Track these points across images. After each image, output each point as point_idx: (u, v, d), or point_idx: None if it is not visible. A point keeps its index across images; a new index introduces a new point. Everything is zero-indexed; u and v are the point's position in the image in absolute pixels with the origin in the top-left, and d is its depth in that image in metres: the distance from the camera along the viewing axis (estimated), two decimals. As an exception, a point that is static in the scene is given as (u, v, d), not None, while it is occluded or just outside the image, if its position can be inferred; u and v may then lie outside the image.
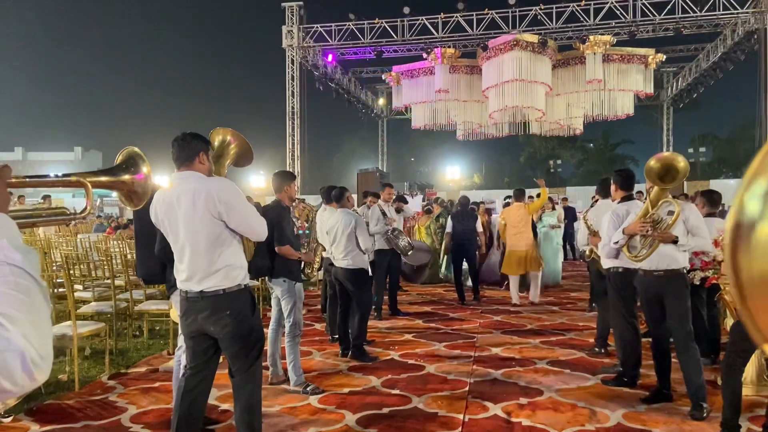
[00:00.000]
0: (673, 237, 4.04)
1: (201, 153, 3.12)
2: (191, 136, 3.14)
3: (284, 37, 18.48)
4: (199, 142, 3.14)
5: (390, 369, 5.38)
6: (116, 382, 5.06)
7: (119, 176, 1.53)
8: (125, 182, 1.52)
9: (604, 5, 16.52)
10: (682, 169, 3.94)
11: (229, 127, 3.56)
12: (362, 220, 6.08)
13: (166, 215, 3.08)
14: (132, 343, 6.37)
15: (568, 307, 8.57)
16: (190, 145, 3.11)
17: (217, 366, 3.25)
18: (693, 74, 20.70)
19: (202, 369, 3.15)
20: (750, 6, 15.87)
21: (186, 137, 3.12)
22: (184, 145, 3.10)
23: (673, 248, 4.09)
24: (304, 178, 19.99)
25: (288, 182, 4.87)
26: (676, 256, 4.13)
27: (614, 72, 16.30)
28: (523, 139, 35.25)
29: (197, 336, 3.12)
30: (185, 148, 3.10)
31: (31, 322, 0.83)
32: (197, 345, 3.13)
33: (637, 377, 4.84)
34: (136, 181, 1.55)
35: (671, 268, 4.14)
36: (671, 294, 4.14)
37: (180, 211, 3.02)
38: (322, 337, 6.70)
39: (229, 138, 3.53)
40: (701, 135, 42.63)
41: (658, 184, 4.04)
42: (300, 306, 4.87)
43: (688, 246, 4.09)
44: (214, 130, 3.51)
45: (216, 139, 3.50)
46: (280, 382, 4.91)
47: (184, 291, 3.09)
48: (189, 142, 3.11)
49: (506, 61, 15.72)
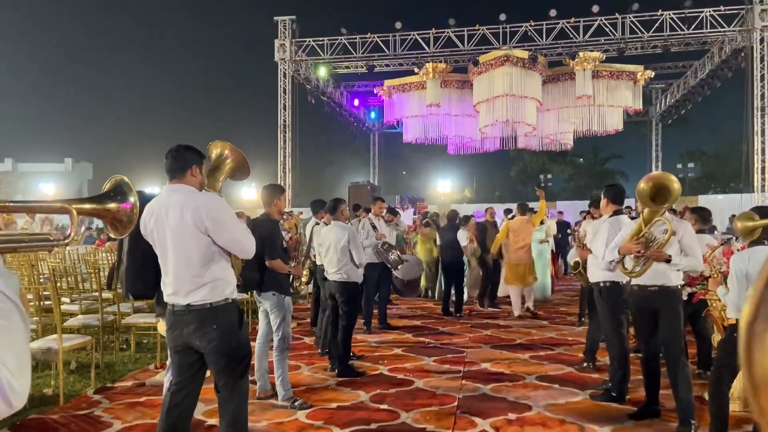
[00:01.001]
0: (665, 256, 4.05)
1: (194, 166, 3.12)
2: (185, 148, 3.14)
3: (276, 51, 18.55)
4: (193, 154, 3.14)
5: (379, 384, 5.35)
6: (102, 396, 5.01)
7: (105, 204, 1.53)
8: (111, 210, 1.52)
9: (593, 22, 16.72)
10: (675, 190, 3.93)
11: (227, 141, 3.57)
12: (356, 234, 6.07)
13: (155, 227, 3.07)
14: (119, 357, 6.31)
15: (558, 321, 8.58)
16: (184, 158, 3.10)
17: (203, 381, 3.22)
18: (681, 91, 20.94)
19: (188, 384, 3.12)
20: (737, 24, 16.11)
21: (180, 149, 3.12)
22: (177, 157, 3.10)
23: (667, 265, 4.11)
24: (295, 191, 19.97)
25: (277, 196, 4.87)
26: (671, 272, 4.15)
27: (603, 88, 16.45)
28: (513, 153, 35.34)
29: (183, 350, 3.09)
30: (178, 160, 3.10)
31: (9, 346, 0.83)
32: (183, 359, 3.10)
33: (625, 392, 4.84)
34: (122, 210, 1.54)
35: (665, 285, 4.15)
36: (664, 310, 4.15)
37: (168, 224, 3.01)
38: (311, 351, 6.67)
39: (227, 152, 3.54)
40: (689, 151, 43.03)
41: (650, 206, 4.04)
42: (289, 320, 4.85)
43: (681, 265, 4.11)
44: (212, 143, 3.51)
45: (213, 151, 3.50)
46: (268, 396, 4.88)
47: (171, 304, 3.07)
48: (182, 154, 3.11)
49: (497, 76, 15.85)
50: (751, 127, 16.48)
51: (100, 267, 7.39)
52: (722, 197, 23.06)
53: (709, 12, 16.17)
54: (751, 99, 16.35)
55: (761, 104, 16.22)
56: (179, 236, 2.99)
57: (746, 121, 16.68)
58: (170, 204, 3.02)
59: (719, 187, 39.22)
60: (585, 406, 4.76)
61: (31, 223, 12.55)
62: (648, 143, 25.38)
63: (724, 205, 19.68)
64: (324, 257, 5.94)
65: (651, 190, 4.02)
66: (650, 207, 4.06)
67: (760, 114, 16.28)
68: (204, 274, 3.00)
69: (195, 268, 3.00)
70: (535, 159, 41.84)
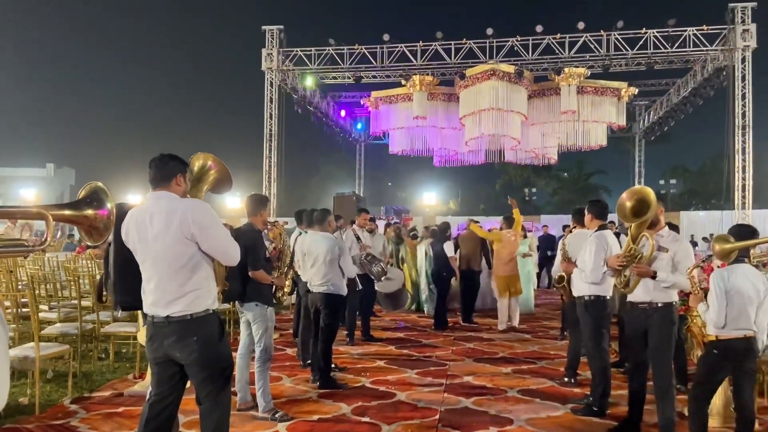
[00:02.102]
0: (650, 272, 4.05)
1: (178, 175, 3.10)
2: (169, 157, 3.12)
3: (264, 60, 18.53)
4: (177, 163, 3.12)
5: (361, 396, 5.32)
6: (79, 406, 4.92)
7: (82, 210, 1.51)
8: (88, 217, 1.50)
9: (578, 39, 16.93)
10: (651, 201, 3.98)
11: (210, 153, 3.55)
12: (346, 246, 6.03)
13: (137, 235, 3.03)
14: (97, 366, 6.21)
15: (540, 335, 8.61)
16: (168, 166, 3.08)
17: (183, 393, 3.17)
18: (664, 108, 21.23)
19: (168, 395, 3.07)
20: (719, 44, 16.41)
21: (164, 158, 3.10)
22: (162, 165, 3.08)
23: (656, 282, 4.07)
24: (280, 200, 19.90)
25: (263, 206, 4.85)
26: (662, 290, 4.09)
27: (588, 104, 16.65)
28: (498, 166, 35.67)
29: (163, 362, 3.04)
30: (163, 168, 3.08)
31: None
32: (163, 371, 3.05)
33: (605, 407, 4.86)
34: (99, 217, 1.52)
35: (653, 302, 4.13)
36: (653, 328, 4.12)
37: (151, 231, 2.97)
38: (293, 363, 6.62)
39: (210, 163, 3.52)
40: (672, 167, 43.62)
41: (632, 221, 4.08)
42: (271, 331, 4.81)
43: (668, 282, 4.04)
44: (195, 154, 3.50)
45: (196, 163, 3.48)
46: (249, 408, 4.82)
47: (151, 315, 3.03)
48: (167, 163, 3.09)
49: (483, 89, 15.97)
50: (732, 144, 16.73)
51: (80, 275, 7.30)
52: (703, 214, 23.33)
53: (692, 31, 16.45)
54: (732, 117, 16.61)
55: (742, 123, 16.49)
56: (163, 243, 2.95)
57: (727, 139, 16.93)
58: (155, 210, 2.99)
59: (701, 204, 39.73)
60: (566, 420, 4.76)
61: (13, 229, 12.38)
62: (631, 159, 25.68)
63: (705, 222, 19.95)
64: (310, 268, 5.84)
65: (633, 207, 4.04)
66: (633, 222, 4.09)
67: (740, 132, 16.54)
68: (187, 282, 2.97)
69: (179, 276, 2.96)
70: (519, 173, 42.11)
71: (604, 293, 4.95)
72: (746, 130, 16.52)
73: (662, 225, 4.25)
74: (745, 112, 16.46)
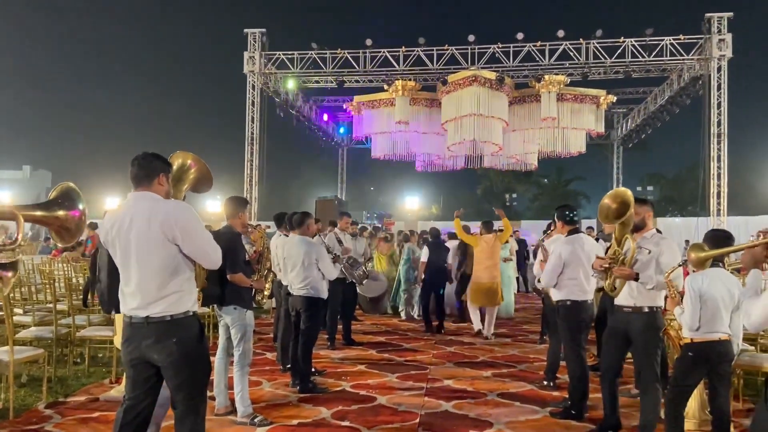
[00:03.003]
0: (632, 275, 4.05)
1: (161, 174, 3.07)
2: (152, 156, 3.08)
3: (246, 63, 18.46)
4: (160, 163, 3.09)
5: (341, 400, 5.30)
6: (54, 411, 4.84)
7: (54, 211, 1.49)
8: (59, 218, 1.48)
9: (558, 46, 17.14)
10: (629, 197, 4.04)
11: (190, 152, 3.51)
12: (324, 250, 6.01)
13: (117, 235, 2.99)
14: (72, 371, 6.11)
15: (520, 339, 8.65)
16: (151, 166, 3.05)
17: (158, 397, 3.12)
18: (641, 116, 21.56)
19: (143, 400, 3.01)
20: (695, 53, 16.71)
21: (146, 157, 3.07)
22: (144, 165, 3.04)
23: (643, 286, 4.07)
24: (261, 204, 19.79)
25: (242, 209, 4.82)
26: (647, 293, 4.09)
27: (567, 111, 16.84)
28: (480, 172, 35.88)
29: (139, 364, 2.99)
30: (145, 168, 3.04)
31: None
32: (138, 374, 3.00)
33: (584, 410, 4.90)
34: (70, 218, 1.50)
35: (637, 305, 4.13)
36: (635, 332, 4.13)
37: (133, 232, 2.93)
38: (273, 367, 6.57)
39: (190, 162, 3.48)
40: (649, 174, 44.31)
41: (613, 223, 4.12)
42: (250, 335, 4.77)
43: (651, 283, 4.04)
44: (174, 153, 3.46)
45: (176, 162, 3.44)
46: (227, 412, 4.78)
47: (129, 316, 2.98)
48: (150, 162, 3.05)
49: (465, 95, 16.07)
50: (707, 152, 17.03)
51: (55, 278, 7.18)
52: (679, 220, 23.73)
53: (669, 40, 16.74)
54: (707, 125, 16.91)
55: (717, 131, 16.80)
56: (145, 245, 2.92)
57: (703, 147, 17.23)
58: (136, 212, 2.95)
59: (677, 210, 40.40)
60: (545, 423, 4.79)
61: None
62: (609, 166, 26.01)
63: (681, 228, 20.26)
64: (290, 271, 5.85)
65: (616, 208, 4.07)
66: (612, 223, 4.14)
67: (716, 140, 16.85)
68: (168, 284, 2.93)
69: (159, 278, 2.93)
70: (500, 178, 42.52)
71: (583, 297, 4.99)
72: (722, 138, 16.83)
73: (650, 227, 4.29)
74: (721, 120, 16.77)
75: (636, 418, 4.30)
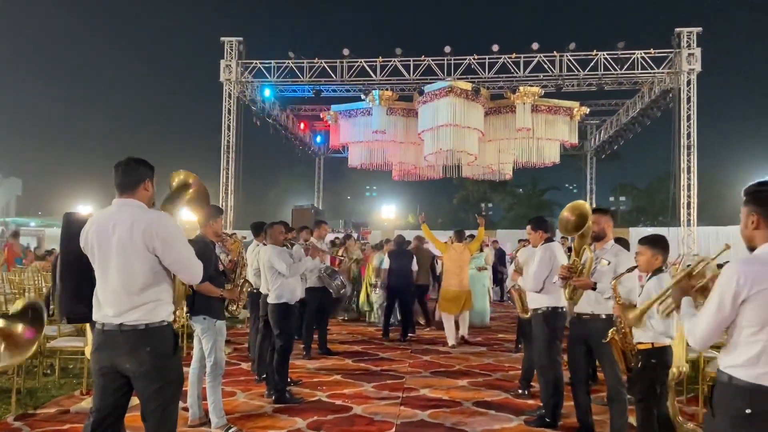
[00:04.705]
0: (590, 284, 4.16)
1: (147, 180, 3.05)
2: (136, 161, 3.06)
3: (222, 71, 18.36)
4: (146, 168, 3.07)
5: (316, 410, 5.28)
6: (23, 423, 4.74)
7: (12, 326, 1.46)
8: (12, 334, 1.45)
9: (533, 59, 17.40)
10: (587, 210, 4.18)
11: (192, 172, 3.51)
12: (277, 250, 5.93)
13: (97, 240, 2.95)
14: (42, 382, 5.99)
15: (495, 347, 8.72)
16: (137, 171, 3.03)
17: (126, 410, 3.06)
18: (614, 127, 21.95)
19: (111, 413, 2.94)
20: (665, 67, 17.10)
21: (131, 162, 3.04)
22: (130, 171, 3.02)
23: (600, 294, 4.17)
24: (238, 213, 19.64)
25: (214, 217, 4.79)
26: (605, 302, 4.16)
27: (542, 122, 17.06)
28: (456, 181, 36.12)
29: (110, 373, 2.93)
30: (131, 174, 3.01)
31: None
32: (108, 383, 2.93)
33: (558, 418, 4.95)
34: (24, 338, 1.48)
35: (595, 312, 4.24)
36: (596, 338, 4.17)
37: (114, 238, 2.90)
38: (248, 377, 6.52)
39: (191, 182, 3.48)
40: (621, 185, 44.97)
41: (572, 234, 4.27)
42: (221, 345, 4.73)
43: (608, 293, 4.05)
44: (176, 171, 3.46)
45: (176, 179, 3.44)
46: (201, 423, 4.73)
47: (101, 323, 2.94)
48: (135, 168, 3.03)
49: (441, 106, 16.19)
50: (677, 164, 17.40)
51: (26, 288, 7.05)
52: (651, 230, 24.11)
53: (641, 54, 17.11)
54: (678, 137, 17.28)
55: (687, 143, 17.19)
56: (125, 253, 2.89)
57: (673, 158, 17.60)
58: (118, 219, 2.92)
59: (648, 221, 41.09)
60: (520, 431, 4.83)
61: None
62: (583, 176, 26.39)
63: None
64: (264, 280, 5.96)
65: (575, 221, 4.21)
66: (571, 235, 4.27)
67: (686, 152, 17.23)
68: (144, 293, 2.90)
69: (137, 287, 2.89)
70: (476, 188, 42.81)
71: (561, 304, 5.04)
72: (691, 150, 17.22)
73: (609, 238, 4.39)
74: (690, 132, 17.15)
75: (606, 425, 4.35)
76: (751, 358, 2.20)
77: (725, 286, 2.25)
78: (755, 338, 2.20)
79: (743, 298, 2.20)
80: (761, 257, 2.27)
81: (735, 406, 2.19)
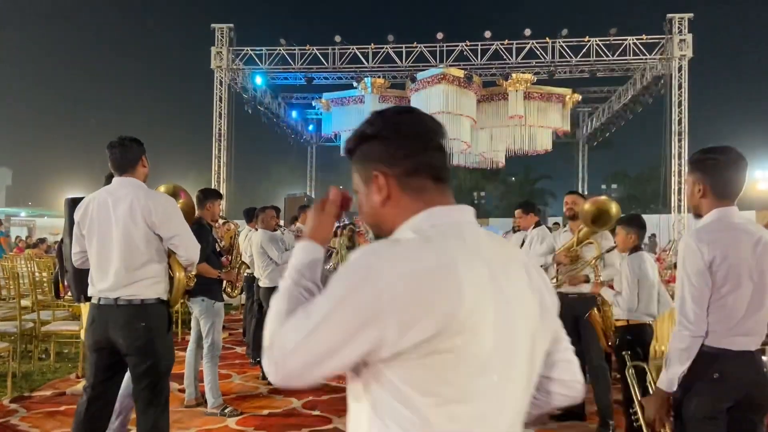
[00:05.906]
0: (581, 280, 4.38)
1: (143, 156, 3.11)
2: (130, 140, 3.12)
3: (213, 59, 18.23)
4: (139, 145, 3.13)
5: (312, 391, 5.32)
6: (19, 405, 4.77)
7: None
8: None
9: (525, 45, 17.39)
10: (614, 215, 4.25)
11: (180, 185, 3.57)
12: (269, 235, 5.98)
13: (97, 217, 2.99)
14: (37, 366, 6.02)
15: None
16: (133, 150, 3.09)
17: (119, 389, 3.09)
18: (606, 115, 21.99)
19: (104, 391, 2.98)
20: (657, 53, 17.13)
21: (125, 141, 3.09)
22: (126, 150, 3.07)
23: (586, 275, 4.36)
24: (230, 201, 19.60)
25: (212, 199, 4.82)
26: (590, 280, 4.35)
27: (534, 109, 17.08)
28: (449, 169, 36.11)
29: (103, 348, 2.96)
30: (127, 152, 3.07)
31: None
32: (101, 359, 2.97)
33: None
34: None
35: (583, 292, 4.37)
36: (580, 315, 4.28)
37: (115, 215, 2.95)
38: (243, 360, 6.57)
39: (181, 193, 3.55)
40: (613, 173, 45.18)
41: (590, 227, 4.31)
42: (219, 326, 4.77)
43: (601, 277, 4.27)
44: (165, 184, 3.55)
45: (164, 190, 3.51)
46: (197, 404, 4.77)
47: (97, 298, 2.97)
48: (130, 146, 3.10)
49: (434, 93, 16.18)
50: (669, 150, 17.47)
51: (19, 274, 7.03)
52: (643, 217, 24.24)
53: (632, 40, 17.13)
54: (669, 124, 17.34)
55: (678, 129, 17.25)
56: (125, 230, 2.93)
57: (664, 145, 17.66)
58: (119, 197, 2.98)
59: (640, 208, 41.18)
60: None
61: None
62: (575, 165, 26.45)
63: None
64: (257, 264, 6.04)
65: (594, 214, 4.27)
66: (590, 228, 4.32)
67: (677, 138, 17.30)
68: (141, 269, 2.94)
69: (138, 262, 2.94)
70: (469, 176, 42.85)
71: None
72: (682, 137, 17.29)
73: None
74: (682, 119, 17.22)
75: (595, 402, 4.43)
76: (717, 324, 2.25)
77: (691, 260, 2.26)
78: (719, 303, 2.25)
79: (709, 266, 2.23)
80: (712, 225, 2.30)
81: (704, 372, 2.25)
